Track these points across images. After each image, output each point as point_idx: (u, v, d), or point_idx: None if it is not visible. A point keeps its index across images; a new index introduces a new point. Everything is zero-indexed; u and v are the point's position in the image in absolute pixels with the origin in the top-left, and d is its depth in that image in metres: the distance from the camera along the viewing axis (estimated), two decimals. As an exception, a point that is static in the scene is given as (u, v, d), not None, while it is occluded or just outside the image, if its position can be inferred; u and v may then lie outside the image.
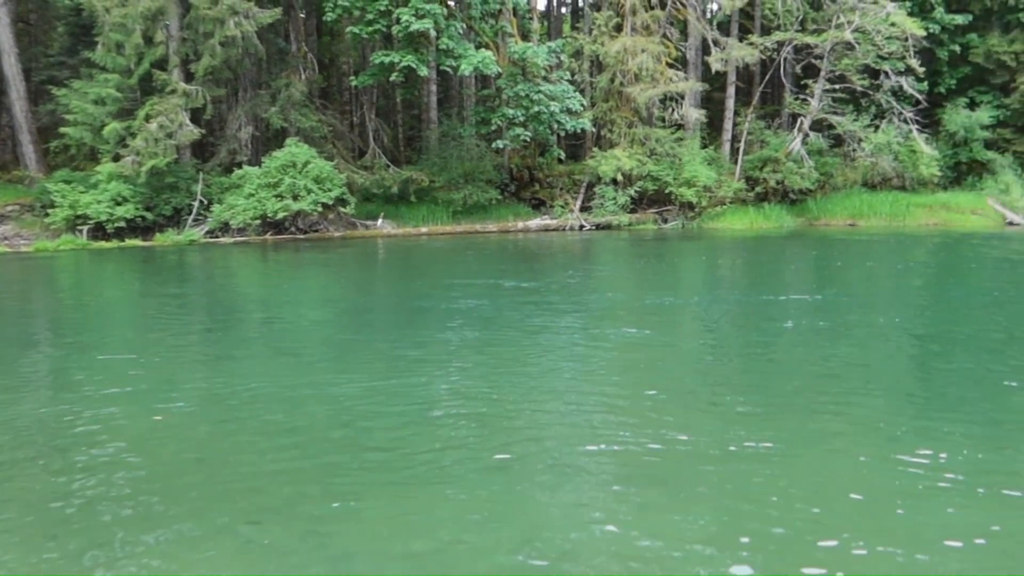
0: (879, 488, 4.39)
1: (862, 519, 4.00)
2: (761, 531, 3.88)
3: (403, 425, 5.66)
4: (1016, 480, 4.50)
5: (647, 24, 27.85)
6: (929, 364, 7.55)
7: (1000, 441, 5.20)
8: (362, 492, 4.49)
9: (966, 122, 29.95)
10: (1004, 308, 10.51)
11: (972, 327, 9.22)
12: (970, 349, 7.99)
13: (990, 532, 3.85)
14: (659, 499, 4.34)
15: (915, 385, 6.82)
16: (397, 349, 8.21)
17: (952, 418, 5.66)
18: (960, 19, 30.78)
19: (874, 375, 7.05)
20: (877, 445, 5.10)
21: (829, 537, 3.81)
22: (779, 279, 14.37)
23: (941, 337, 8.81)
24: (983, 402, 6.11)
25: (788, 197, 28.38)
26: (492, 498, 4.35)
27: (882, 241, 21.81)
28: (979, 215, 27.95)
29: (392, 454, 5.07)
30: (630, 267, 16.79)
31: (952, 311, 10.53)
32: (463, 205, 25.62)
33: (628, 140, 27.18)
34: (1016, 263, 16.41)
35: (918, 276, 14.76)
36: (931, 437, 5.23)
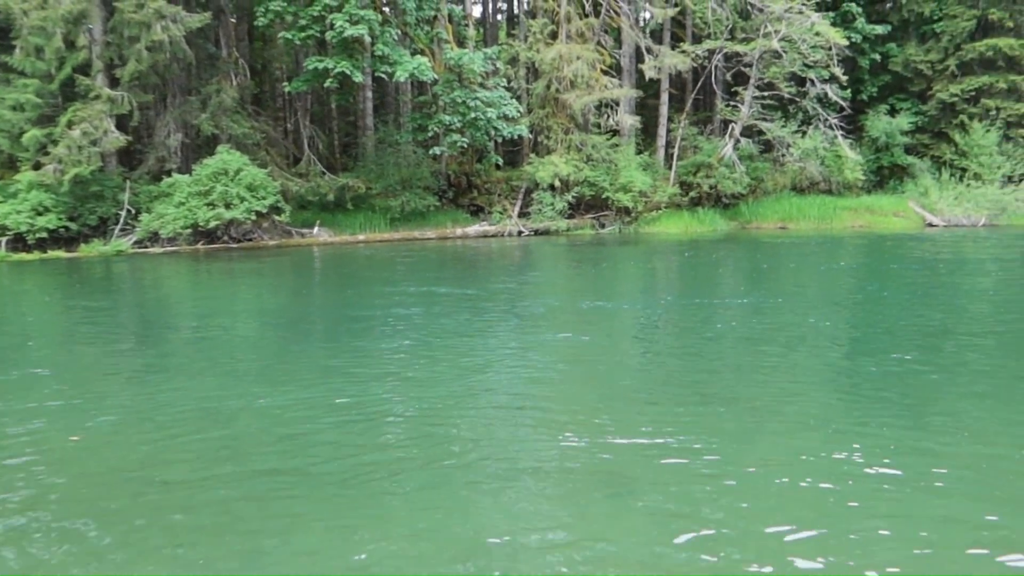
0: (815, 482, 4.49)
1: (800, 513, 4.09)
2: (703, 529, 3.93)
3: (340, 436, 5.56)
4: (941, 468, 4.66)
5: (581, 31, 28.18)
6: (856, 361, 7.78)
7: (926, 431, 5.38)
8: (300, 506, 4.39)
9: (887, 128, 31.17)
10: (923, 306, 10.92)
11: (895, 325, 9.54)
12: (893, 346, 8.26)
13: (919, 518, 3.98)
14: (602, 500, 4.35)
15: (844, 382, 7.01)
16: (333, 359, 8.07)
17: (880, 412, 5.84)
18: (880, 29, 32.05)
19: (805, 374, 7.24)
20: (811, 441, 5.23)
21: (770, 533, 3.88)
22: (713, 282, 14.66)
23: (867, 335, 9.10)
24: (908, 396, 6.32)
25: (721, 201, 29.03)
26: (435, 506, 4.31)
27: (811, 243, 22.46)
28: (901, 217, 29.08)
29: (330, 466, 4.97)
30: (568, 272, 16.91)
31: (876, 310, 10.89)
32: (401, 212, 25.43)
33: (565, 146, 27.42)
34: (932, 263, 17.09)
35: (845, 277, 15.23)
36: (862, 431, 5.38)
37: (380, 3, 25.09)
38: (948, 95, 31.73)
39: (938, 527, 3.90)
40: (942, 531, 3.86)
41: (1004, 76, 31.16)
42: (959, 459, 4.84)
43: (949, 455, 4.91)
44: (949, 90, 31.75)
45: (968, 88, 31.43)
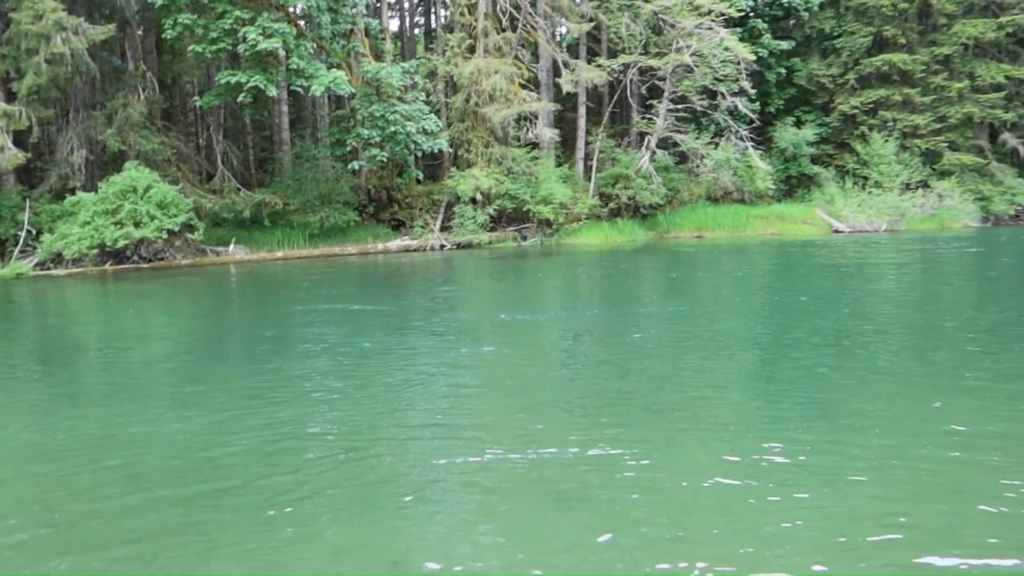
0: (737, 482, 4.61)
1: (724, 513, 4.17)
2: (633, 535, 3.97)
3: (257, 459, 5.40)
4: (853, 464, 4.83)
5: (499, 46, 28.37)
6: (772, 365, 8.02)
7: (838, 429, 5.59)
8: (218, 534, 4.23)
9: (794, 139, 32.46)
10: (831, 310, 11.37)
11: (806, 328, 9.89)
12: (806, 349, 8.57)
13: (833, 512, 4.12)
14: (528, 511, 4.35)
15: (761, 385, 7.23)
16: (249, 381, 7.85)
17: (796, 412, 6.04)
18: (785, 45, 33.42)
19: (725, 378, 7.42)
20: (732, 443, 5.36)
21: (693, 535, 3.96)
22: (633, 292, 14.91)
23: (781, 339, 9.39)
24: (821, 396, 6.55)
25: (640, 212, 29.61)
26: (359, 528, 4.22)
27: (726, 251, 23.14)
28: (809, 224, 30.27)
29: (248, 491, 4.81)
30: (490, 285, 16.93)
31: (788, 315, 11.27)
32: (320, 228, 25.00)
33: (485, 159, 27.51)
34: (837, 267, 17.84)
35: (759, 283, 15.72)
36: (779, 432, 5.56)
37: (295, 16, 24.71)
38: (849, 107, 33.29)
39: (851, 520, 4.05)
40: (854, 523, 4.00)
41: (899, 89, 32.90)
42: (870, 454, 5.03)
43: (860, 451, 5.11)
44: (850, 103, 33.32)
45: (867, 101, 33.05)
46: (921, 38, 34.22)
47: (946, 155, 32.84)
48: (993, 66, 33.44)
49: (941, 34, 33.82)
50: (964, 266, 18.24)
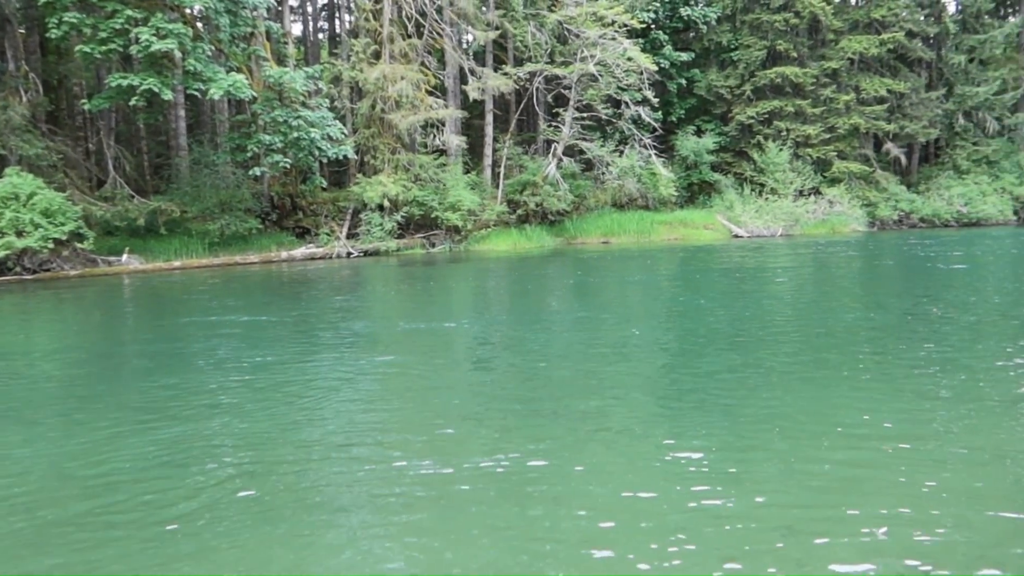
0: (644, 485, 4.65)
1: (630, 517, 4.20)
2: (536, 538, 3.95)
3: (152, 476, 5.12)
4: (755, 464, 4.96)
5: (405, 52, 28.19)
6: (676, 367, 8.19)
7: (741, 429, 5.73)
8: (107, 551, 3.98)
9: (695, 147, 33.55)
10: (732, 312, 11.74)
11: (709, 331, 10.17)
12: (709, 351, 8.80)
13: (738, 513, 4.20)
14: (434, 521, 4.27)
15: (666, 388, 7.35)
16: (143, 396, 7.47)
17: (699, 414, 6.17)
18: (685, 56, 34.51)
19: (630, 382, 7.52)
20: (639, 446, 5.42)
21: (603, 538, 3.97)
22: (540, 297, 15.01)
23: (685, 342, 9.61)
24: (724, 397, 6.71)
25: (547, 218, 29.94)
26: (258, 541, 4.05)
27: (632, 256, 23.63)
28: (711, 230, 31.29)
29: (140, 507, 4.56)
30: (396, 293, 16.74)
31: (692, 318, 11.57)
32: (220, 236, 24.19)
33: (392, 166, 27.25)
34: (737, 271, 18.46)
35: (663, 288, 16.11)
36: (683, 433, 5.65)
37: (191, 18, 23.87)
38: (746, 117, 34.65)
39: (755, 519, 4.12)
40: (759, 522, 4.08)
41: (791, 101, 34.46)
42: (772, 454, 5.17)
43: (763, 450, 5.24)
44: (746, 113, 34.68)
45: (762, 111, 34.47)
46: (811, 52, 35.98)
47: (835, 163, 34.58)
48: (876, 80, 35.45)
49: (829, 49, 35.65)
50: (852, 269, 19.18)
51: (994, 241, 26.33)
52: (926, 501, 4.27)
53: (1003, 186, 36.93)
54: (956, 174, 37.34)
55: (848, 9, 37.70)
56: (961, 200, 35.98)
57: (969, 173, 37.18)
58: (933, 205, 35.98)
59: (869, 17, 35.99)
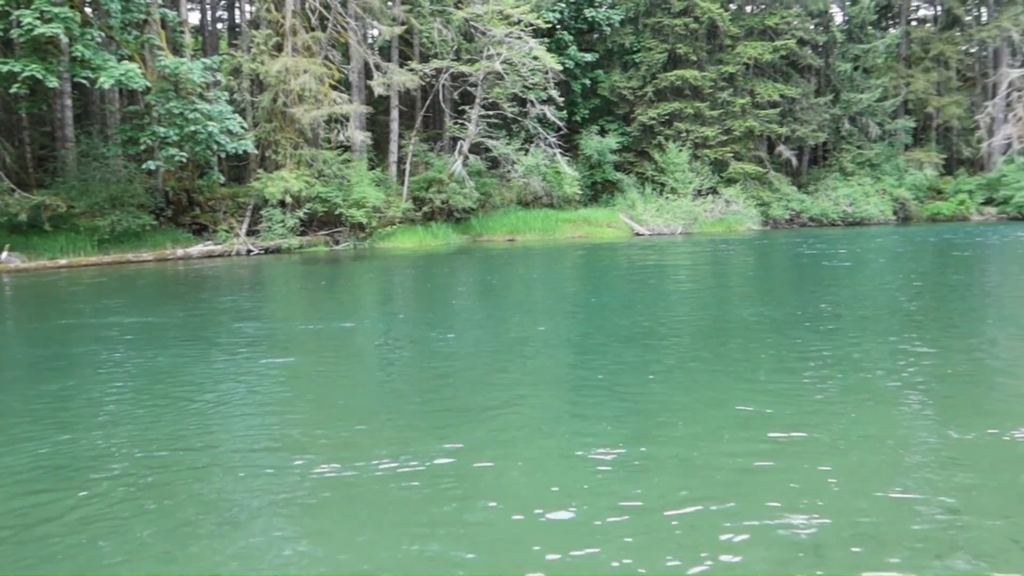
0: (551, 481, 4.76)
1: (540, 511, 4.27)
2: (448, 537, 3.99)
3: (41, 493, 4.90)
4: (660, 456, 5.13)
5: (308, 45, 27.65)
6: (582, 364, 8.36)
7: (646, 425, 5.89)
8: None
9: (598, 147, 34.24)
10: (634, 309, 12.08)
11: (613, 327, 10.41)
12: (613, 347, 9.01)
13: (646, 508, 4.33)
14: (343, 524, 4.25)
15: (572, 384, 7.49)
16: (27, 406, 7.11)
17: (605, 409, 6.31)
18: (589, 57, 35.13)
19: (535, 379, 7.63)
20: (546, 442, 5.52)
21: (513, 534, 4.03)
22: (446, 295, 15.06)
23: (589, 339, 9.80)
24: (629, 392, 6.89)
25: (453, 216, 29.98)
26: (167, 560, 3.95)
27: (537, 254, 23.95)
28: (613, 228, 32.03)
29: (35, 530, 4.35)
30: (299, 292, 16.45)
31: (596, 314, 11.84)
32: (111, 233, 23.13)
33: (295, 161, 26.70)
34: (639, 268, 19.01)
35: (566, 285, 16.40)
36: (590, 428, 5.77)
37: (79, 1, 22.69)
38: (647, 118, 35.60)
39: (659, 509, 4.26)
40: (661, 510, 4.22)
41: (691, 103, 35.61)
42: (676, 445, 5.34)
43: (666, 442, 5.42)
44: (648, 114, 35.64)
45: (663, 113, 35.49)
46: (710, 56, 37.27)
47: (732, 164, 35.95)
48: (770, 85, 37.02)
49: (727, 54, 37.01)
50: (747, 266, 20.04)
51: (875, 239, 27.97)
52: (819, 487, 4.52)
53: (884, 188, 39.23)
54: (842, 176, 39.42)
55: (744, 16, 39.24)
56: (846, 200, 38.03)
57: (854, 175, 39.33)
58: (821, 205, 37.88)
59: (763, 24, 37.57)
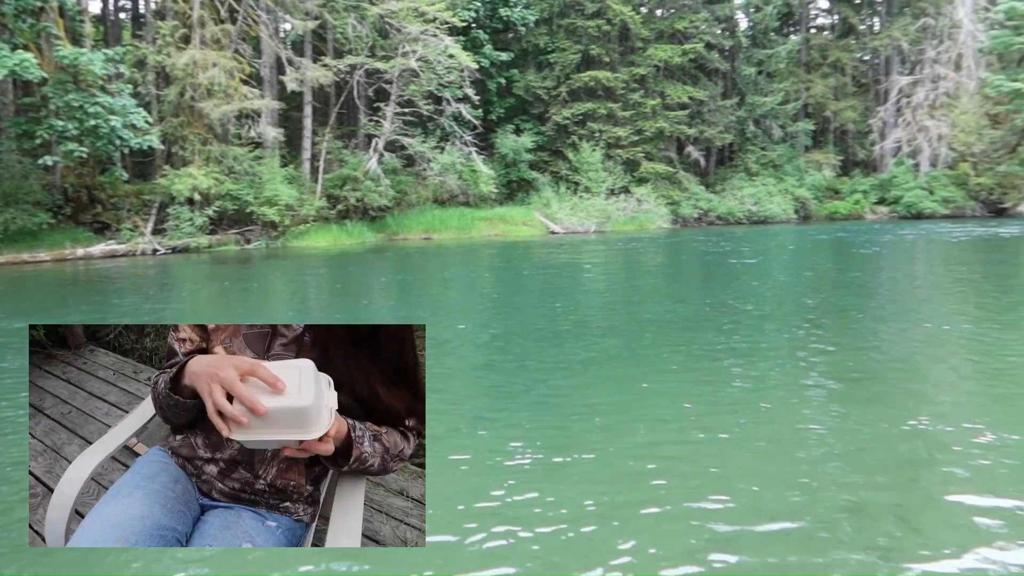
0: (470, 474, 4.93)
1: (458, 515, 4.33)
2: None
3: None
4: (576, 451, 5.32)
5: (218, 38, 26.95)
6: (497, 361, 8.50)
7: (562, 424, 6.09)
8: None
9: (514, 146, 34.60)
10: (549, 306, 12.35)
11: (527, 326, 10.61)
12: (526, 344, 9.22)
13: (562, 506, 4.46)
14: None
15: (488, 381, 7.63)
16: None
17: (523, 406, 6.49)
18: (505, 56, 35.42)
19: (450, 379, 7.69)
20: (460, 438, 5.68)
21: (435, 529, 4.11)
22: (360, 294, 15.02)
23: (504, 337, 9.97)
24: (548, 390, 7.05)
25: (368, 214, 29.78)
26: None
27: (453, 252, 24.09)
28: (529, 226, 32.43)
29: None
30: (206, 293, 16.12)
31: (511, 312, 12.04)
32: (4, 232, 22.01)
33: (203, 158, 26.01)
34: (554, 266, 19.37)
35: (482, 283, 16.56)
36: (503, 423, 5.97)
37: (-34, -13, 21.48)
38: (561, 118, 36.16)
39: (574, 505, 4.42)
40: (576, 508, 4.39)
41: (604, 104, 36.35)
42: (591, 443, 5.53)
43: (582, 440, 5.61)
44: (562, 114, 36.20)
45: (577, 113, 36.12)
46: (622, 58, 38.10)
47: (643, 164, 36.89)
48: (679, 87, 38.14)
49: (638, 56, 37.92)
50: (658, 264, 20.72)
51: (778, 237, 29.27)
52: (729, 479, 4.81)
53: (786, 188, 41.00)
54: (747, 176, 40.98)
55: (655, 20, 40.28)
56: (751, 200, 39.58)
57: (758, 175, 40.95)
58: (728, 204, 39.30)
59: (673, 28, 38.66)
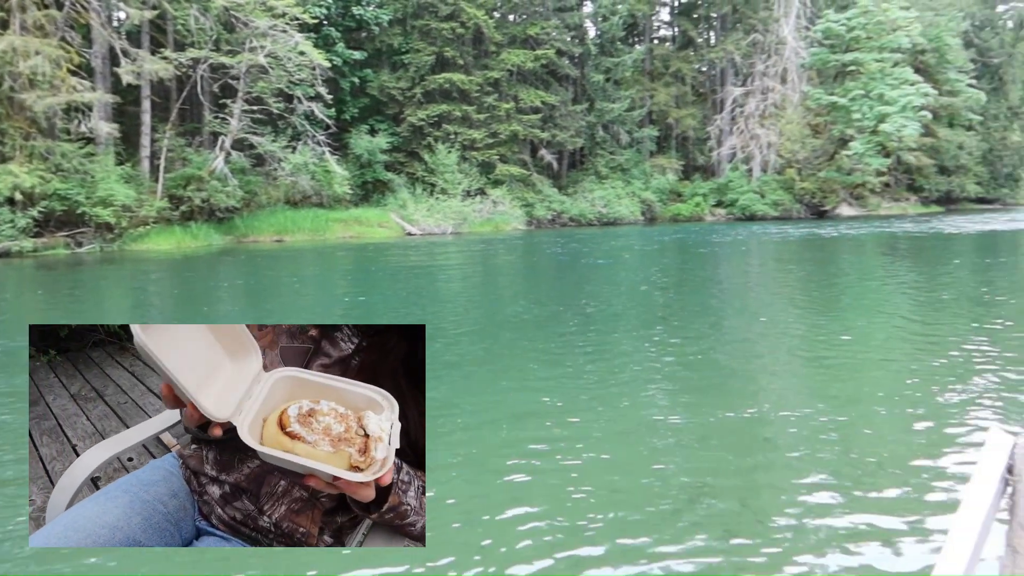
0: None
1: None
2: None
3: None
4: (440, 459, 5.26)
5: (41, 24, 24.85)
6: None
7: (428, 424, 6.09)
8: None
9: (368, 146, 34.17)
10: (407, 310, 12.29)
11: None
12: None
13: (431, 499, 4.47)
14: None
15: None
16: None
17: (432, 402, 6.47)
18: (358, 55, 34.88)
19: None
20: None
21: None
22: (206, 301, 14.34)
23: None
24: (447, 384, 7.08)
25: (215, 216, 28.45)
26: None
27: (307, 255, 23.47)
28: (385, 228, 32.14)
29: None
30: (28, 301, 14.83)
31: (368, 315, 11.87)
32: None
33: (26, 154, 23.90)
34: (412, 268, 19.31)
35: (338, 286, 16.24)
36: None
37: None
38: (417, 119, 36.06)
39: (437, 506, 4.44)
40: (440, 508, 4.42)
41: (459, 106, 36.58)
42: (453, 442, 5.58)
43: (446, 440, 5.63)
44: (417, 115, 36.10)
45: (432, 114, 36.13)
46: (476, 61, 38.47)
47: (498, 166, 37.43)
48: (532, 91, 39.00)
49: (492, 59, 38.43)
50: (514, 265, 21.12)
51: (626, 239, 30.56)
52: (588, 472, 5.00)
53: (633, 191, 42.86)
54: (597, 179, 42.50)
55: (508, 24, 40.98)
56: (601, 202, 41.08)
57: (608, 179, 42.56)
58: (579, 206, 40.58)
59: (525, 33, 39.46)
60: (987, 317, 10.81)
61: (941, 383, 6.99)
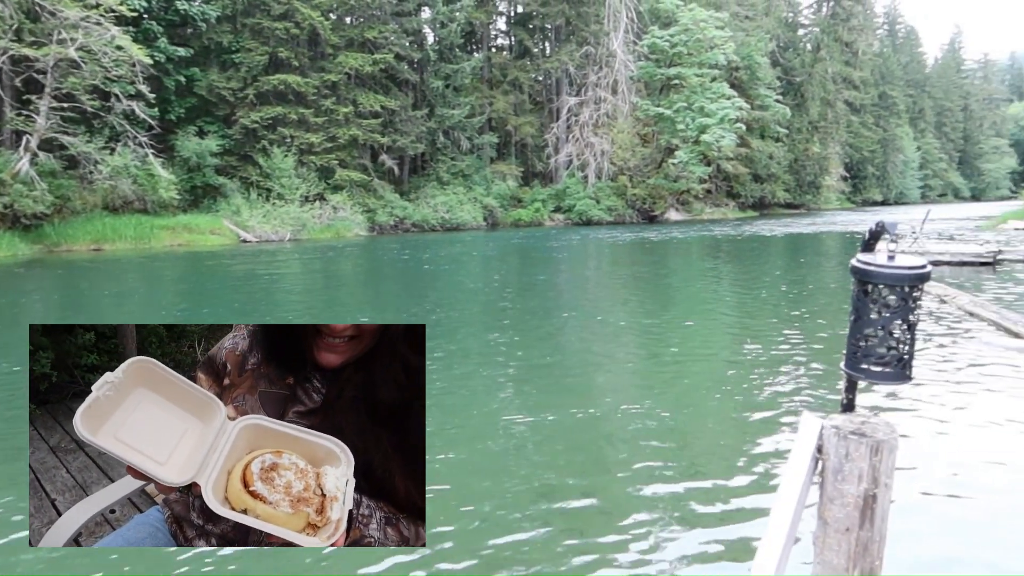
0: None
1: None
2: None
3: None
4: None
5: None
6: None
7: None
8: None
9: (197, 149, 32.38)
10: (239, 319, 11.69)
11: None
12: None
13: None
14: None
15: None
16: None
17: None
18: (183, 52, 32.94)
19: None
20: None
21: None
22: (7, 318, 13.01)
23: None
24: None
25: (20, 222, 25.84)
26: None
27: (130, 265, 21.86)
28: (217, 235, 30.56)
29: None
30: None
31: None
32: None
33: None
34: (247, 278, 18.45)
35: (164, 300, 15.22)
36: None
37: None
38: (250, 121, 34.62)
39: None
40: None
41: (295, 108, 35.50)
42: None
43: None
44: (250, 117, 34.66)
45: (266, 116, 34.82)
46: (312, 63, 37.47)
47: (338, 171, 36.65)
48: (371, 95, 38.49)
49: (329, 62, 37.57)
50: (358, 273, 20.71)
51: (469, 243, 30.81)
52: (441, 474, 4.98)
53: (475, 196, 43.29)
54: (439, 185, 42.57)
55: (345, 27, 40.19)
56: (444, 207, 41.16)
57: (450, 184, 42.72)
58: (422, 212, 40.48)
59: (363, 37, 38.88)
60: (797, 312, 11.82)
61: (760, 373, 7.56)
